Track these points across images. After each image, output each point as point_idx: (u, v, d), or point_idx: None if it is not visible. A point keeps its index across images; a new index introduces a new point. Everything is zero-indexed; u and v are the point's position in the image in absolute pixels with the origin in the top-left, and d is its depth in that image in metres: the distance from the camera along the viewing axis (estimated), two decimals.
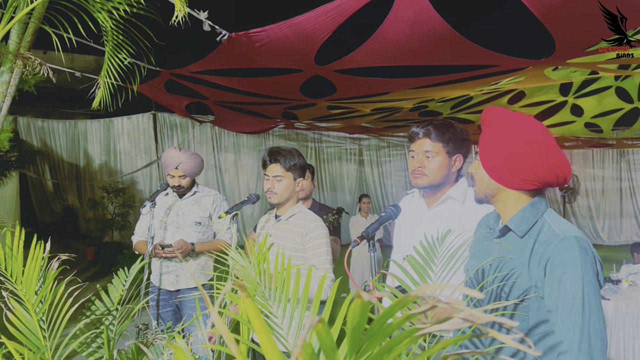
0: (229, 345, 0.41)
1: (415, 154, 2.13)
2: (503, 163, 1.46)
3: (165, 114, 11.14)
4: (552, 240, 1.38)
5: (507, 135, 1.45)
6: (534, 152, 1.41)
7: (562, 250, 1.35)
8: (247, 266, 1.33)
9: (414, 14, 3.06)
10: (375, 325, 0.40)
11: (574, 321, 1.30)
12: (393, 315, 0.39)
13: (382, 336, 0.40)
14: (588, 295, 1.31)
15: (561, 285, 1.33)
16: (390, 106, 6.96)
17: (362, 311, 0.38)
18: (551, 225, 1.43)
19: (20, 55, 2.50)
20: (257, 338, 2.47)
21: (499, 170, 1.48)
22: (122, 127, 11.32)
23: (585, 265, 1.33)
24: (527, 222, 1.46)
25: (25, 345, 1.65)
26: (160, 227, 3.39)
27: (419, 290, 0.36)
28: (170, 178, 3.37)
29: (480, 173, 1.56)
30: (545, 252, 1.38)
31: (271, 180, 2.56)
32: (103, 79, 3.06)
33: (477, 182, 1.57)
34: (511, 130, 1.45)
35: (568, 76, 5.65)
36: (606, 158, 13.80)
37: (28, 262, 1.73)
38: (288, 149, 2.61)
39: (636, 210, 13.65)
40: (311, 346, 0.39)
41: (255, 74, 5.02)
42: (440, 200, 2.14)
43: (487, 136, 1.52)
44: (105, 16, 2.72)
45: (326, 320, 0.84)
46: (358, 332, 0.39)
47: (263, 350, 0.40)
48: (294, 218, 2.58)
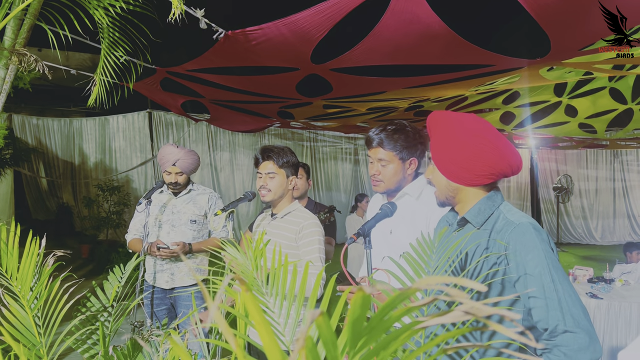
0: (228, 340, 0.41)
1: (372, 160, 2.21)
2: (457, 163, 1.50)
3: (161, 112, 11.11)
4: (508, 227, 1.44)
5: (455, 136, 1.50)
6: (484, 146, 1.46)
7: (519, 235, 1.41)
8: (244, 261, 1.34)
9: (410, 13, 3.06)
10: (375, 318, 0.40)
11: (549, 297, 1.33)
12: (393, 309, 0.40)
13: (382, 329, 0.40)
14: (555, 270, 1.35)
15: (527, 268, 1.38)
16: (386, 106, 6.97)
17: (362, 304, 0.39)
18: (506, 215, 1.49)
19: (16, 51, 2.49)
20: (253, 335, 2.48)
21: (455, 171, 1.52)
22: (118, 125, 11.29)
23: (544, 244, 1.39)
24: (483, 214, 1.52)
25: (20, 341, 1.65)
26: (155, 225, 3.38)
27: (419, 283, 0.36)
28: (166, 175, 3.36)
29: (437, 177, 1.60)
30: (502, 239, 1.44)
31: (264, 177, 2.57)
32: (99, 77, 3.05)
33: (437, 186, 1.62)
34: (457, 130, 1.50)
35: (563, 76, 5.68)
36: (600, 158, 13.87)
37: (23, 258, 1.73)
38: (280, 147, 2.63)
39: (629, 210, 13.73)
40: (312, 340, 0.39)
41: (252, 72, 5.01)
42: (397, 197, 2.23)
43: (437, 140, 1.56)
44: (101, 13, 2.71)
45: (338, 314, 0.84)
46: (358, 326, 0.40)
47: (262, 344, 0.41)
48: (290, 216, 2.58)
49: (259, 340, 1.20)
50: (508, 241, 1.42)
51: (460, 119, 1.53)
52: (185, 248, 3.22)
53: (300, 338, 0.34)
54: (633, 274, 5.80)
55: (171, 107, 7.65)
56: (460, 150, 1.48)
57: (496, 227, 1.48)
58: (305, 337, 0.35)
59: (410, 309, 0.37)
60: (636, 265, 5.92)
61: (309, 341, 0.38)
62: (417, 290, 0.36)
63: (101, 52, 3.03)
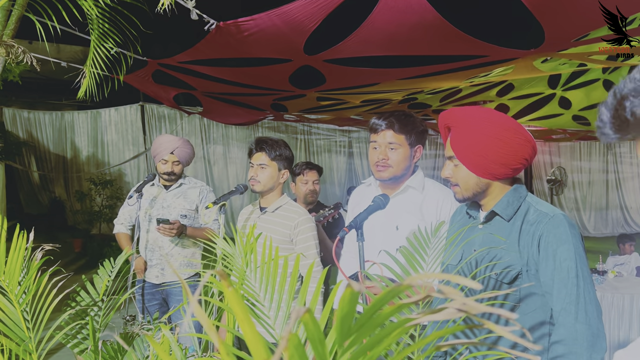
0: (210, 334, 0.39)
1: (378, 145, 2.12)
2: (494, 159, 1.48)
3: (154, 105, 11.03)
4: (542, 218, 1.46)
5: (487, 132, 1.48)
6: (519, 139, 1.47)
7: (553, 227, 1.42)
8: (234, 255, 1.31)
9: (403, 3, 3.04)
10: (365, 315, 0.38)
11: (569, 292, 1.37)
12: (384, 305, 0.37)
13: (372, 326, 0.38)
14: (581, 267, 1.38)
15: (556, 259, 1.40)
16: (380, 98, 6.95)
17: (351, 301, 0.36)
18: (536, 207, 1.50)
19: (3, 43, 2.44)
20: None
21: (489, 167, 1.50)
22: (110, 118, 11.20)
23: (576, 239, 1.42)
24: (512, 206, 1.52)
25: (9, 336, 1.62)
26: (145, 218, 3.34)
27: (410, 279, 0.34)
28: (162, 164, 3.29)
29: (462, 175, 1.56)
30: (537, 230, 1.45)
31: (255, 168, 2.55)
32: (89, 69, 3.00)
33: (462, 184, 1.58)
34: (487, 126, 1.48)
35: (556, 68, 5.67)
36: (593, 151, 13.92)
37: (10, 252, 1.70)
38: (275, 139, 2.61)
39: (622, 202, 13.81)
40: (298, 337, 0.37)
41: (244, 64, 4.97)
42: (401, 190, 2.16)
43: (464, 138, 1.53)
44: (90, 4, 2.67)
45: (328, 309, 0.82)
46: (347, 323, 0.37)
47: (245, 338, 0.38)
48: (281, 210, 2.56)
49: None
50: (542, 232, 1.44)
51: (484, 114, 1.51)
52: (181, 229, 3.16)
53: (284, 337, 0.32)
54: (626, 265, 5.83)
55: (163, 100, 7.60)
56: (498, 146, 1.47)
57: (528, 219, 1.49)
58: (290, 335, 0.33)
59: (401, 306, 0.35)
60: (629, 257, 5.95)
61: (294, 339, 0.36)
62: (409, 286, 0.33)
63: (91, 43, 2.98)
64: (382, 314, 0.36)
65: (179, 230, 3.13)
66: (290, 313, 2.01)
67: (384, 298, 0.36)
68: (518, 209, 1.52)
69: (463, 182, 1.57)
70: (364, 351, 0.39)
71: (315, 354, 0.39)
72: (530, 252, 1.45)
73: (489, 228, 1.57)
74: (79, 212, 10.24)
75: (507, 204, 1.53)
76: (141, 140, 11.10)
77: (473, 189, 1.56)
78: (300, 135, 12.60)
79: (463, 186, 1.58)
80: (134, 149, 11.14)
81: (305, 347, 0.40)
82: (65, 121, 11.30)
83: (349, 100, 7.08)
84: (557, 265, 1.40)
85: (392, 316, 0.34)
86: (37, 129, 11.21)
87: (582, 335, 1.33)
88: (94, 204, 10.05)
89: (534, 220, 1.47)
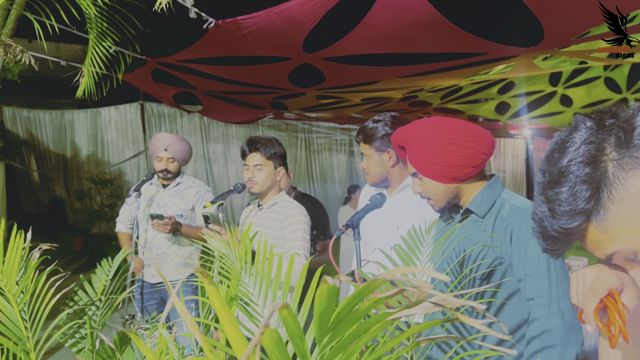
0: (193, 331, 0.39)
1: (363, 156, 2.29)
2: (451, 164, 1.52)
3: (153, 104, 11.01)
4: (514, 212, 1.47)
5: (437, 141, 1.51)
6: (470, 137, 1.49)
7: (524, 220, 1.43)
8: (229, 254, 1.31)
9: (402, 0, 3.03)
10: (342, 311, 0.38)
11: (541, 285, 1.37)
12: (361, 301, 0.37)
13: (350, 322, 0.38)
14: (553, 259, 1.37)
15: (527, 252, 1.41)
16: (380, 96, 6.94)
17: (329, 296, 0.36)
18: (511, 202, 1.52)
19: (2, 42, 2.45)
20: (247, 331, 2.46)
21: (450, 173, 1.53)
22: (110, 117, 11.19)
23: None
24: (486, 203, 1.54)
25: (7, 336, 1.63)
26: (143, 217, 3.33)
27: (386, 274, 0.34)
28: (157, 162, 3.27)
29: (430, 187, 1.60)
30: (509, 224, 1.46)
31: (251, 169, 2.54)
32: (87, 68, 3.00)
33: (433, 196, 1.62)
34: (435, 135, 1.52)
35: (557, 66, 5.66)
36: None
37: (8, 251, 1.70)
38: (267, 138, 2.61)
39: None
40: (277, 332, 0.36)
41: (244, 62, 4.97)
42: (400, 188, 2.22)
43: (418, 153, 1.57)
44: (88, 3, 2.66)
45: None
46: (326, 319, 0.37)
47: (227, 336, 0.38)
48: (276, 206, 2.56)
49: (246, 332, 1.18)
50: (513, 226, 1.45)
51: (430, 124, 1.55)
52: (175, 226, 3.13)
53: (258, 332, 0.32)
54: None
55: (163, 99, 7.60)
56: (451, 150, 1.50)
57: (501, 214, 1.50)
58: (266, 330, 0.32)
59: (379, 300, 0.35)
60: None
61: (274, 334, 0.36)
62: (384, 282, 0.33)
63: (89, 42, 2.98)
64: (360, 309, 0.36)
65: (173, 227, 3.09)
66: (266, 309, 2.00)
67: (361, 294, 0.36)
68: (492, 205, 1.54)
69: (433, 194, 1.61)
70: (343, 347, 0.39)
71: (295, 349, 0.38)
72: (504, 246, 1.46)
73: (465, 226, 1.59)
74: (79, 211, 10.23)
75: (480, 201, 1.55)
76: (141, 139, 11.08)
77: (445, 197, 1.60)
78: (300, 134, 12.58)
79: (435, 197, 1.62)
80: (134, 147, 11.13)
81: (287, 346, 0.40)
82: (65, 120, 11.29)
83: (349, 98, 7.07)
84: (528, 259, 1.40)
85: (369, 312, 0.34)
86: (37, 128, 11.20)
87: (556, 329, 1.31)
88: (94, 203, 10.04)
89: (507, 214, 1.49)
